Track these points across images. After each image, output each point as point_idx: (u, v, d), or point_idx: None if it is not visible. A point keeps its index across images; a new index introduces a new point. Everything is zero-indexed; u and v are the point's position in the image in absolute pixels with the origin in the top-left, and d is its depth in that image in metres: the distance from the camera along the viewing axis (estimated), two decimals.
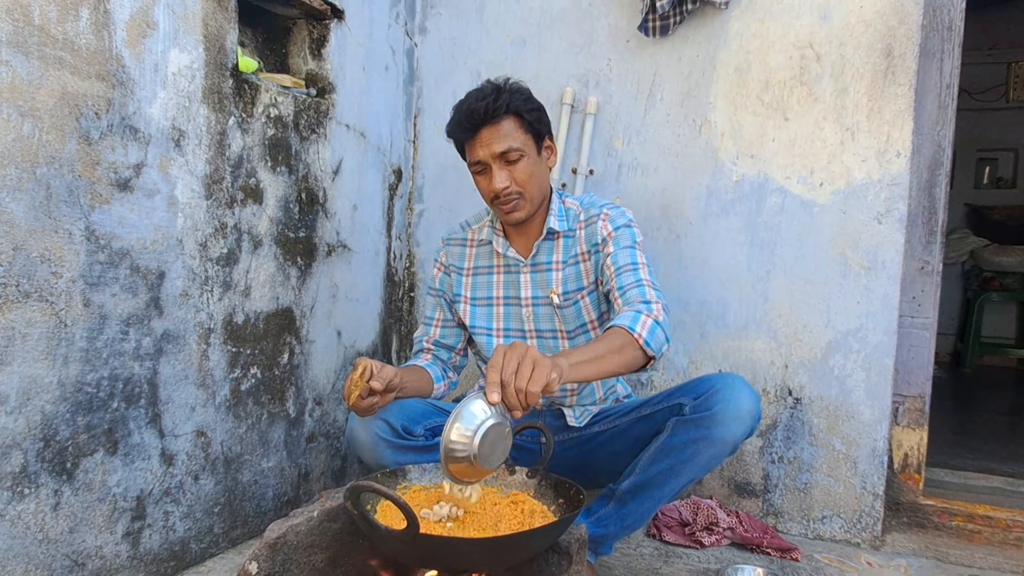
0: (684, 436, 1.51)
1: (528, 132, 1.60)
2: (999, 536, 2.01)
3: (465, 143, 1.62)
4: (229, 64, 1.70)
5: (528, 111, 1.60)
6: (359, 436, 1.55)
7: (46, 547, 1.38)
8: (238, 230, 1.77)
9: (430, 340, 1.83)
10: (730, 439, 1.48)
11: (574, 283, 1.70)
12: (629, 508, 1.59)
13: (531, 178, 1.61)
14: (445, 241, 1.87)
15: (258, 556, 1.18)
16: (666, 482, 1.54)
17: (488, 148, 1.57)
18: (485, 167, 1.60)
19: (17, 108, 1.27)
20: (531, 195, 1.62)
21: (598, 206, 1.72)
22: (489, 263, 1.78)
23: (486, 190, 1.62)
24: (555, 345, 1.73)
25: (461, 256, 1.82)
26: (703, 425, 1.48)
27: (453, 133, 1.63)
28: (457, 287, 1.81)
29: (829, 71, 2.01)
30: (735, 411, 1.47)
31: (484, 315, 1.78)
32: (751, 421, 1.49)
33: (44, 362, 1.35)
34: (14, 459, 1.32)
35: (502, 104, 1.56)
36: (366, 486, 1.10)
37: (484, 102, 1.55)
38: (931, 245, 2.07)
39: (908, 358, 2.09)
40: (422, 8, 2.50)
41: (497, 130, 1.56)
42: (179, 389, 1.64)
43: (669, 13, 2.10)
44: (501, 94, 1.57)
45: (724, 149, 2.13)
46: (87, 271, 1.42)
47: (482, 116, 1.55)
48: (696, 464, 1.51)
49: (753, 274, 2.11)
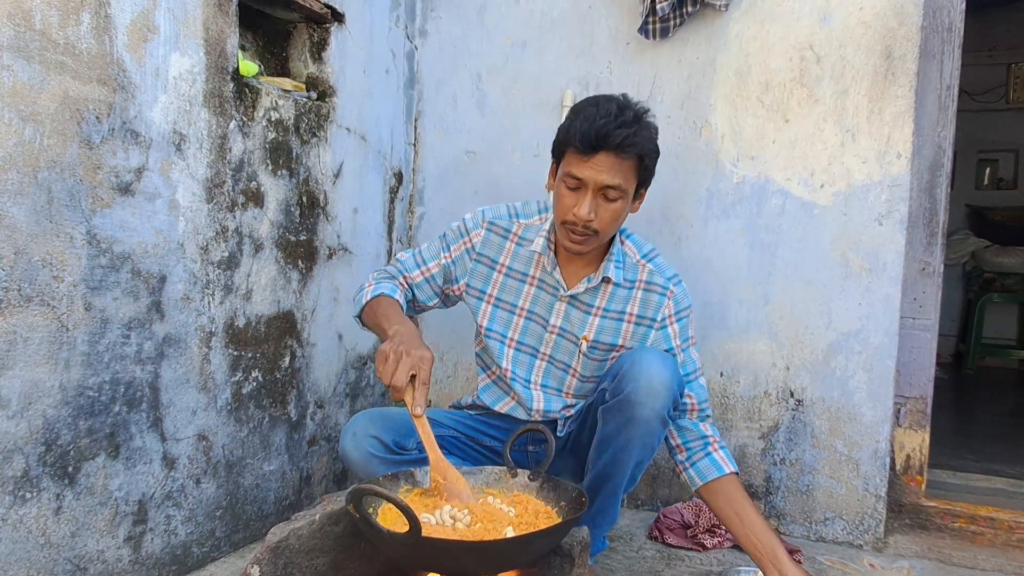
0: (612, 424, 1.50)
1: (638, 177, 1.51)
2: (1002, 538, 2.00)
3: (573, 152, 1.47)
4: (230, 68, 1.71)
5: (651, 157, 1.51)
6: (351, 455, 1.54)
7: (48, 551, 1.38)
8: (239, 234, 1.77)
9: (408, 279, 1.69)
10: (652, 416, 1.45)
11: (608, 337, 1.64)
12: (596, 506, 1.60)
13: (614, 222, 1.52)
14: (487, 223, 1.68)
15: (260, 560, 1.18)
16: (615, 472, 1.54)
17: (598, 174, 1.45)
18: (581, 187, 1.48)
19: (19, 112, 1.28)
20: (604, 236, 1.53)
21: (665, 277, 1.64)
22: (526, 270, 1.66)
23: (566, 208, 1.50)
24: (564, 377, 1.69)
25: (499, 249, 1.67)
26: (622, 409, 1.46)
27: (569, 138, 1.47)
28: (481, 281, 1.69)
29: (829, 73, 2.01)
30: (647, 387, 1.44)
31: (503, 320, 1.69)
32: (667, 392, 1.45)
33: (46, 366, 1.35)
34: (16, 463, 1.32)
35: (638, 142, 1.45)
36: (368, 489, 1.10)
37: (623, 131, 1.42)
38: (932, 246, 2.07)
39: (909, 359, 2.09)
40: (422, 11, 2.50)
41: (617, 162, 1.45)
42: (180, 393, 1.64)
43: (669, 16, 2.10)
44: (641, 129, 1.46)
45: (725, 151, 2.14)
46: (88, 275, 1.42)
47: (613, 143, 1.43)
48: (634, 447, 1.49)
49: (754, 276, 2.11)
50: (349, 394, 2.24)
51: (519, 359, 1.70)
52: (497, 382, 1.76)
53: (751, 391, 2.12)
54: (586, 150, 1.44)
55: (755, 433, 2.12)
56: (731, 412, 2.15)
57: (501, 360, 1.70)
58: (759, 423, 2.12)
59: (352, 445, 1.53)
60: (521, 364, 1.70)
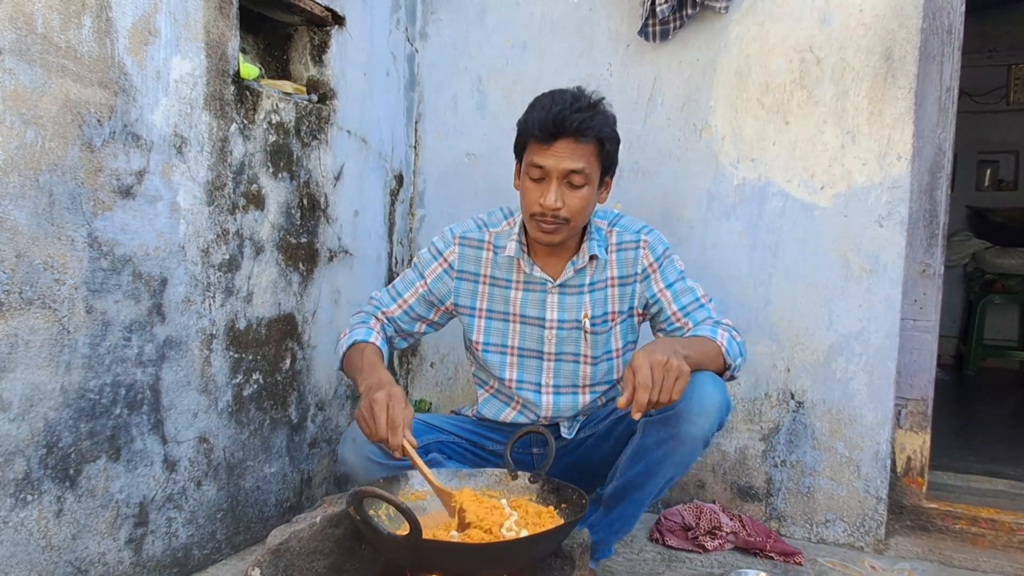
0: (655, 436, 1.49)
1: (600, 162, 1.54)
2: (1003, 539, 2.00)
3: (534, 143, 1.51)
4: (231, 71, 1.71)
5: (611, 141, 1.54)
6: (351, 461, 1.53)
7: (49, 554, 1.38)
8: (240, 236, 1.77)
9: (386, 314, 1.69)
10: (699, 436, 1.45)
11: (602, 307, 1.66)
12: (616, 513, 1.59)
13: (583, 209, 1.54)
14: (458, 238, 1.70)
15: (261, 562, 1.18)
16: (645, 484, 1.53)
17: (560, 161, 1.48)
18: (545, 177, 1.51)
19: (20, 116, 1.28)
20: (575, 224, 1.55)
21: (633, 231, 1.67)
22: (508, 276, 1.68)
23: (532, 201, 1.53)
24: (575, 369, 1.68)
25: (477, 261, 1.69)
26: (670, 424, 1.46)
27: (528, 129, 1.51)
28: (468, 297, 1.69)
29: (829, 74, 2.01)
30: (699, 407, 1.43)
31: (499, 331, 1.69)
32: (717, 415, 1.45)
33: (47, 369, 1.35)
34: (17, 466, 1.32)
35: (595, 125, 1.48)
36: (369, 491, 1.10)
37: (579, 115, 1.46)
38: (932, 248, 2.07)
39: (910, 361, 2.09)
40: (423, 14, 2.51)
41: (577, 147, 1.48)
42: (181, 395, 1.64)
43: (669, 18, 2.10)
44: (596, 114, 1.49)
45: (725, 153, 2.14)
46: (90, 278, 1.42)
47: (571, 128, 1.45)
48: (671, 463, 1.49)
49: (755, 277, 2.11)
50: (350, 396, 2.24)
51: (525, 365, 1.69)
52: (497, 395, 1.75)
53: (752, 393, 2.12)
54: (545, 138, 1.48)
55: (756, 435, 2.12)
56: (732, 414, 2.14)
57: (504, 372, 1.69)
58: (760, 425, 2.12)
59: (352, 451, 1.52)
60: (529, 370, 1.69)
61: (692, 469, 2.18)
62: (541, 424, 1.71)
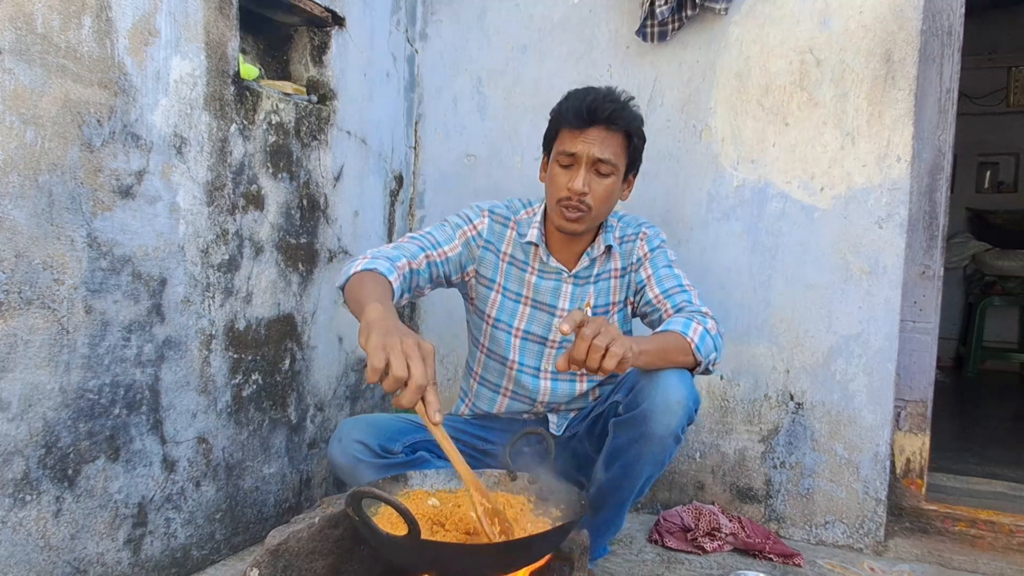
0: (624, 437, 1.49)
1: (627, 156, 1.60)
2: (1002, 541, 2.00)
3: (567, 130, 1.57)
4: (231, 71, 1.71)
5: (639, 137, 1.60)
6: (338, 460, 1.53)
7: (47, 554, 1.38)
8: (239, 236, 1.77)
9: (410, 263, 1.54)
10: (667, 433, 1.44)
11: (604, 298, 1.71)
12: (600, 516, 1.60)
13: (607, 200, 1.59)
14: (487, 212, 1.71)
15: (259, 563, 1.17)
16: (622, 485, 1.54)
17: (590, 147, 1.54)
18: (574, 163, 1.56)
19: (20, 116, 1.28)
20: (597, 214, 1.60)
21: (635, 225, 1.73)
22: (525, 259, 1.70)
23: (560, 186, 1.57)
24: None
25: (501, 237, 1.71)
26: (636, 424, 1.46)
27: (563, 116, 1.57)
28: (490, 269, 1.70)
29: (829, 76, 2.02)
30: (663, 404, 1.43)
31: (510, 311, 1.71)
32: (683, 411, 1.44)
33: (46, 369, 1.35)
34: (16, 466, 1.32)
35: (626, 116, 1.55)
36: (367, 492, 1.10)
37: (612, 104, 1.53)
38: (932, 250, 2.07)
39: (910, 363, 2.09)
40: (423, 15, 2.51)
41: (608, 136, 1.54)
42: (180, 395, 1.64)
43: (668, 20, 2.10)
44: (627, 108, 1.56)
45: (725, 154, 2.14)
46: (89, 278, 1.42)
47: (604, 116, 1.52)
48: (645, 462, 1.49)
49: (754, 279, 2.11)
50: (349, 397, 2.24)
51: (527, 349, 1.71)
52: (483, 383, 1.77)
53: (751, 394, 2.12)
54: (579, 123, 1.54)
55: (755, 436, 2.12)
56: (731, 415, 2.15)
57: (508, 352, 1.70)
58: (759, 426, 2.12)
59: (338, 450, 1.53)
60: (530, 354, 1.71)
61: (691, 470, 2.18)
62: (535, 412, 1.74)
